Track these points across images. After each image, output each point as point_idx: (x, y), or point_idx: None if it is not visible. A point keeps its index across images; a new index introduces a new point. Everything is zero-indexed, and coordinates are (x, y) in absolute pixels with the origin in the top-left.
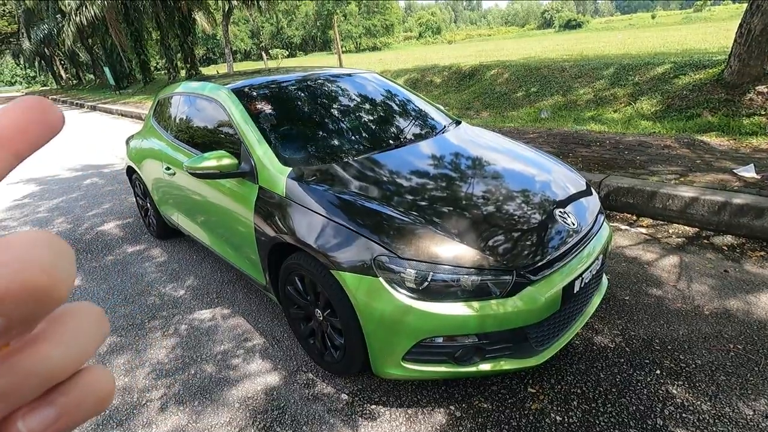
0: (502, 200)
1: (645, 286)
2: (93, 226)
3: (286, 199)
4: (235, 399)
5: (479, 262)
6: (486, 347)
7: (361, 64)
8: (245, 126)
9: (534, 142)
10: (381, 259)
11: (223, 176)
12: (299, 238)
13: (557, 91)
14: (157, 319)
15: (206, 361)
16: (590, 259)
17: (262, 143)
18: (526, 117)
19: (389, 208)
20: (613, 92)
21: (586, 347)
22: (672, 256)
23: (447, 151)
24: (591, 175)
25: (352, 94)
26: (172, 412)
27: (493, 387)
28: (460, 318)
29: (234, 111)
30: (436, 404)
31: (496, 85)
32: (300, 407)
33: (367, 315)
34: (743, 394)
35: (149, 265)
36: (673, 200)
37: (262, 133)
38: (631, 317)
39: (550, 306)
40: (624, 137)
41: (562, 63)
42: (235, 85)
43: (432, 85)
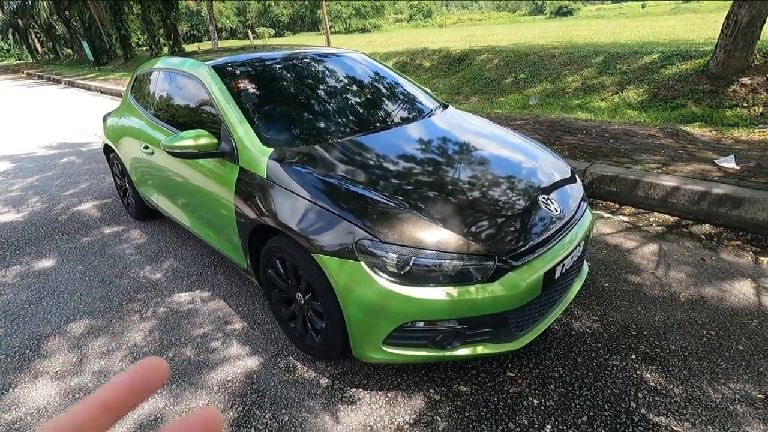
0: (486, 186)
1: (624, 273)
2: (69, 206)
3: (268, 180)
4: (214, 382)
5: (461, 247)
6: (466, 332)
7: (350, 46)
8: (226, 104)
9: (521, 129)
10: (363, 243)
11: (202, 156)
12: (280, 220)
13: (546, 78)
14: (135, 302)
15: (185, 344)
16: (572, 246)
17: (243, 123)
18: (515, 103)
19: (373, 192)
20: (601, 81)
21: (566, 332)
22: (652, 244)
23: (433, 135)
24: (576, 162)
25: (338, 75)
26: (153, 396)
27: (473, 371)
28: (441, 302)
29: (214, 89)
30: (416, 388)
31: (485, 71)
32: (280, 390)
33: (347, 299)
34: (713, 379)
35: (127, 247)
36: (654, 189)
37: (243, 113)
38: (610, 303)
39: (531, 291)
40: (610, 126)
41: (551, 50)
42: (217, 61)
43: (421, 68)
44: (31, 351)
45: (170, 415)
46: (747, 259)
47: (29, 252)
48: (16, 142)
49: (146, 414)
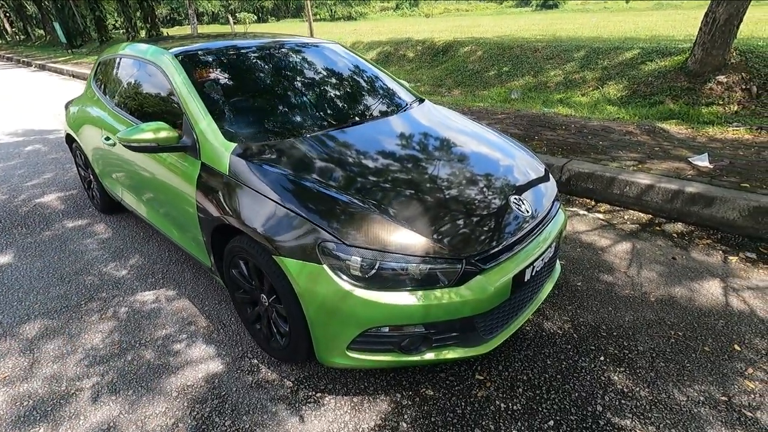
0: (457, 185)
1: (597, 272)
2: (31, 198)
3: (230, 177)
4: (173, 387)
5: (428, 250)
6: (433, 336)
7: (334, 34)
8: (188, 96)
9: (502, 124)
10: (325, 246)
11: (162, 150)
12: (242, 220)
13: (529, 71)
14: (95, 301)
15: (146, 346)
16: (543, 247)
17: (206, 115)
18: (497, 97)
19: (337, 191)
20: (583, 75)
21: (536, 333)
22: (625, 242)
23: (406, 130)
24: (554, 159)
25: (310, 66)
26: (103, 402)
27: (442, 374)
28: (407, 307)
29: (177, 78)
30: (382, 392)
31: (468, 63)
32: (242, 396)
33: (310, 303)
34: (679, 381)
35: (91, 242)
36: (630, 187)
37: (206, 105)
38: (581, 303)
39: (499, 295)
40: (589, 122)
41: (534, 43)
42: (181, 49)
43: (405, 59)
44: None
45: (125, 424)
46: (716, 258)
47: None
48: None
49: (99, 422)
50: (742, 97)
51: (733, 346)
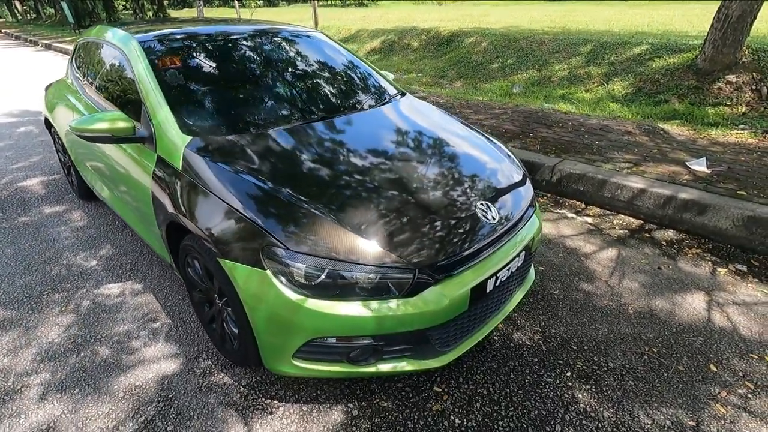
0: (420, 189)
1: (577, 279)
2: (14, 181)
3: (182, 173)
4: (121, 387)
5: (379, 258)
6: (383, 348)
7: (342, 20)
8: (148, 84)
9: (498, 119)
10: (270, 251)
11: (117, 141)
12: (189, 218)
13: (533, 65)
14: (59, 292)
15: (102, 342)
16: (509, 257)
17: (164, 106)
18: (498, 90)
19: (288, 193)
20: (588, 71)
21: (503, 343)
22: (611, 248)
23: (377, 127)
24: (546, 158)
25: (285, 56)
26: (48, 401)
27: (399, 384)
28: (354, 319)
29: (138, 65)
30: (334, 401)
31: (473, 54)
32: (190, 399)
33: (253, 308)
34: (647, 401)
35: (64, 230)
36: (621, 190)
37: (166, 95)
38: (556, 313)
39: (455, 307)
40: (588, 120)
41: (541, 35)
42: (147, 35)
43: (409, 48)
44: None
45: (65, 425)
46: (704, 269)
47: None
48: None
49: (39, 422)
50: (751, 98)
51: (709, 366)
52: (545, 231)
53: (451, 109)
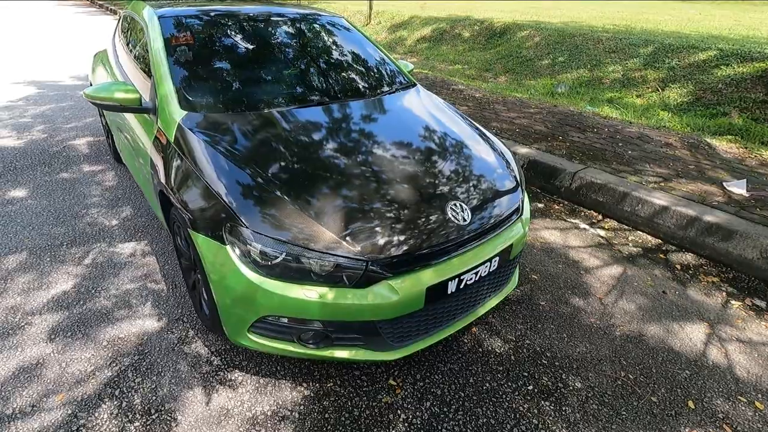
0: (394, 181)
1: (569, 293)
2: (65, 140)
3: (174, 145)
4: (106, 338)
5: (332, 246)
6: (332, 335)
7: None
8: (159, 58)
9: (530, 119)
10: (231, 227)
11: (124, 110)
12: (171, 188)
13: (585, 64)
14: (77, 246)
15: (99, 294)
16: (477, 261)
17: (168, 80)
18: (542, 89)
19: (259, 173)
20: (644, 74)
21: (472, 347)
22: (617, 266)
23: (370, 117)
24: (568, 163)
25: (297, 39)
26: (42, 340)
27: (356, 372)
28: (303, 302)
29: (153, 39)
30: (291, 379)
31: (523, 49)
32: (162, 356)
33: (214, 281)
34: (605, 428)
35: (95, 189)
36: (642, 205)
37: (171, 70)
38: (536, 324)
39: (407, 304)
40: (627, 127)
41: (600, 33)
42: (167, 11)
43: (459, 39)
44: None
45: (51, 362)
46: (716, 300)
47: (8, 180)
48: (51, 69)
49: (31, 357)
50: None
51: (687, 402)
52: (549, 239)
53: (485, 104)
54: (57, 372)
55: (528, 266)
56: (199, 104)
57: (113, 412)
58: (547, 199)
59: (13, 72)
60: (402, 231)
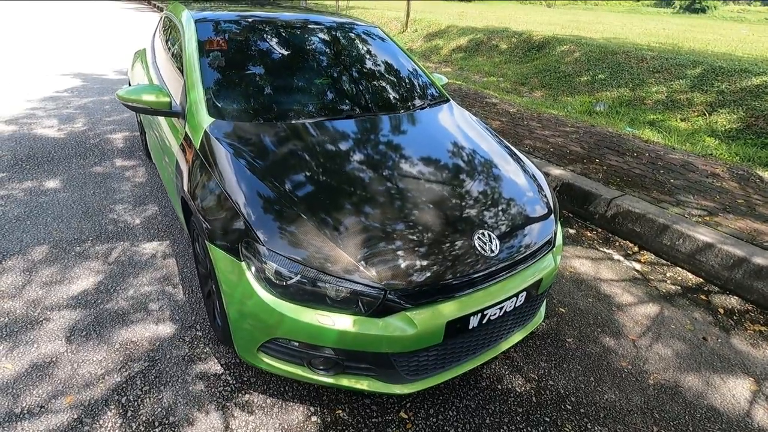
0: (418, 206)
1: (599, 332)
2: (103, 133)
3: (198, 152)
4: (119, 340)
5: (350, 272)
6: (343, 363)
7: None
8: (192, 61)
9: (565, 138)
10: (248, 244)
11: (155, 113)
12: (191, 198)
13: (626, 83)
14: (102, 242)
15: (117, 294)
16: (503, 295)
17: (199, 85)
18: (579, 106)
19: (281, 189)
20: (690, 97)
21: (490, 383)
22: (653, 304)
23: (399, 134)
24: (603, 189)
25: (329, 49)
26: (57, 337)
27: (366, 400)
28: (315, 327)
29: (188, 42)
30: (298, 401)
31: (562, 64)
32: (171, 365)
33: (227, 295)
34: None
35: (125, 185)
36: (684, 240)
37: (204, 74)
38: (561, 364)
39: (425, 338)
40: (670, 153)
41: (644, 51)
42: (204, 15)
43: (496, 51)
44: None
45: (64, 361)
46: (764, 352)
47: (45, 170)
48: (96, 63)
49: (45, 354)
50: None
51: None
52: (579, 269)
53: (519, 120)
54: (68, 372)
55: (555, 298)
56: (227, 112)
57: (117, 421)
58: (579, 224)
59: (61, 64)
60: (424, 259)
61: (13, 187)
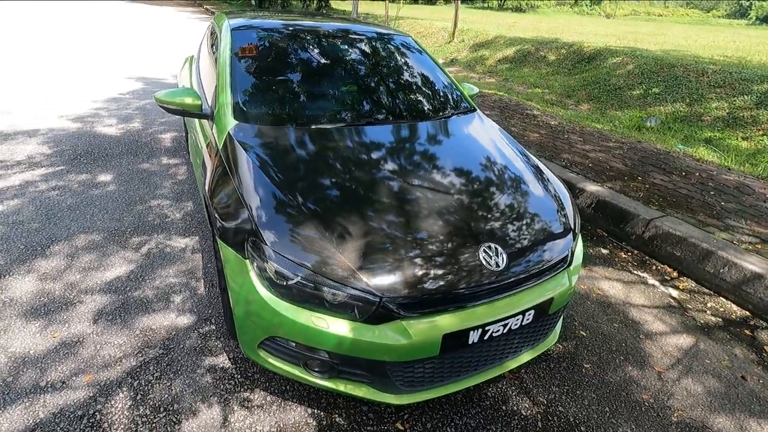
0: (425, 214)
1: (621, 359)
2: (155, 133)
3: (220, 153)
4: (140, 326)
5: (347, 278)
6: (338, 367)
7: (483, 24)
8: (224, 66)
9: (607, 153)
10: (254, 243)
11: (186, 114)
12: (210, 193)
13: (683, 98)
14: (139, 234)
15: (145, 284)
16: (507, 312)
17: (228, 89)
18: (627, 121)
19: (291, 192)
20: (755, 114)
21: (495, 402)
22: (687, 335)
23: (417, 142)
24: (643, 209)
25: (357, 58)
26: (87, 320)
27: (364, 407)
28: (310, 329)
29: (223, 49)
30: (298, 402)
31: (613, 76)
32: (183, 356)
33: (232, 291)
34: None
35: (167, 181)
36: (730, 268)
37: (233, 79)
38: (574, 390)
39: (420, 349)
40: (725, 173)
41: (706, 65)
42: (239, 22)
43: (543, 62)
44: (40, 249)
45: (89, 342)
46: None
47: (99, 165)
48: (157, 68)
49: (73, 334)
50: None
51: None
52: (608, 292)
53: (559, 133)
54: (91, 352)
55: (577, 319)
56: (252, 116)
57: (127, 403)
58: (613, 245)
59: (126, 68)
60: (425, 269)
61: (70, 179)
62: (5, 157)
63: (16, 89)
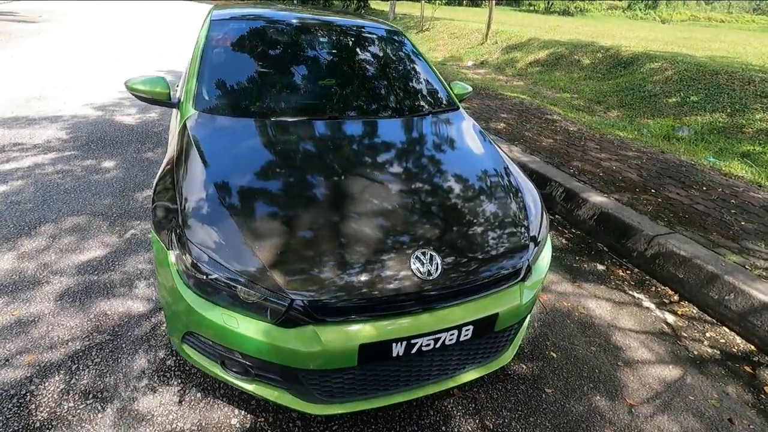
0: (360, 215)
1: (590, 388)
2: (167, 123)
3: (177, 141)
4: (96, 311)
5: (257, 277)
6: (252, 370)
7: (520, 26)
8: (196, 56)
9: (623, 163)
10: (178, 235)
11: (155, 102)
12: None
13: (724, 107)
14: (124, 219)
15: (116, 269)
16: (438, 326)
17: (194, 78)
18: (657, 130)
19: (225, 186)
20: None
21: (435, 422)
22: (674, 367)
23: (374, 139)
24: (649, 224)
25: (336, 51)
26: (48, 299)
27: (294, 414)
28: (220, 327)
29: (199, 39)
30: (226, 401)
31: (648, 82)
32: (127, 342)
33: (158, 283)
34: None
35: None
36: (736, 296)
37: (201, 68)
38: (528, 416)
39: (333, 358)
40: (753, 191)
41: (754, 72)
42: (222, 14)
43: (576, 65)
44: (28, 229)
45: (43, 322)
46: None
47: (107, 152)
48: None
49: (32, 313)
50: None
51: None
52: (593, 311)
53: (575, 140)
54: (41, 333)
55: (551, 338)
56: (212, 106)
57: (59, 387)
58: (611, 261)
59: (157, 62)
60: (344, 273)
61: (76, 163)
62: (25, 141)
63: (56, 79)
